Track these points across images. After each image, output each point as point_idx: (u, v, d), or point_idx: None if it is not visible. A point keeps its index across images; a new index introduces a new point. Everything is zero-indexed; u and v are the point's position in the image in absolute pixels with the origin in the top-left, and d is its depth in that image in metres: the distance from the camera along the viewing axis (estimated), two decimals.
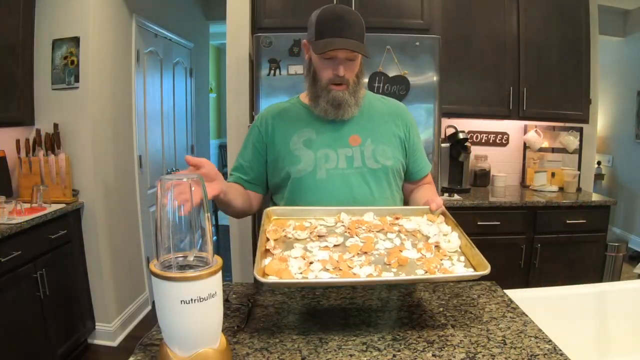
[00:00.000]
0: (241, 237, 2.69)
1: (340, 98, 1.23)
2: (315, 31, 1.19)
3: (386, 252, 0.98)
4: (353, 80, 1.25)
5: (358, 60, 1.24)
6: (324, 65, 1.22)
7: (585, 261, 2.71)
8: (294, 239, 1.03)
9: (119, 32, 2.82)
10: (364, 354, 0.87)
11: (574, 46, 2.85)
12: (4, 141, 2.39)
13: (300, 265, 0.89)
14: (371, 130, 1.31)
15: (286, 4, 2.47)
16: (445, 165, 2.84)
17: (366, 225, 1.10)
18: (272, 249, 0.97)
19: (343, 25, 1.16)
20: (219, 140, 7.51)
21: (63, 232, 2.33)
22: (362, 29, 1.20)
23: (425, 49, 2.28)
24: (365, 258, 0.95)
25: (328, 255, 0.94)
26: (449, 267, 0.92)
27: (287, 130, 1.31)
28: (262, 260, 0.92)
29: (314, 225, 1.09)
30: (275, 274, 0.86)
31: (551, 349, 0.89)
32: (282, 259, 0.92)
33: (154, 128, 3.39)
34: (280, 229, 1.06)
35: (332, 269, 0.90)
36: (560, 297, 1.36)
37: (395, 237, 1.06)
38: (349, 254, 0.96)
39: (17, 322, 2.00)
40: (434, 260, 0.94)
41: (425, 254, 0.97)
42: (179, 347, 0.76)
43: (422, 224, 1.11)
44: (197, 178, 0.79)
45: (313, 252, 0.96)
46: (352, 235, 1.06)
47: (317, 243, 1.01)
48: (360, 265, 0.91)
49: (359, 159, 1.28)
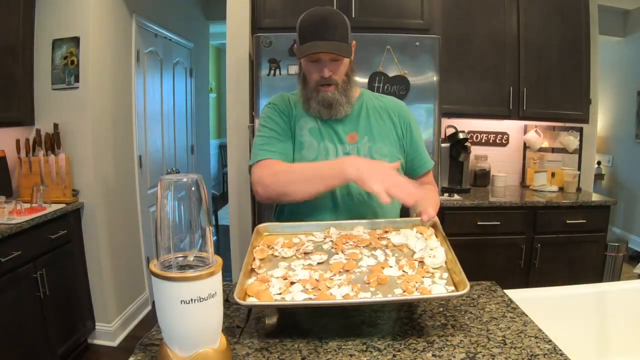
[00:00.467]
0: (241, 237, 2.69)
1: (330, 98, 1.25)
2: (299, 35, 1.21)
3: (368, 269, 0.99)
4: (342, 80, 1.26)
5: (345, 60, 1.25)
6: (310, 68, 1.24)
7: (585, 261, 2.71)
8: (280, 257, 1.04)
9: (119, 32, 2.82)
10: (364, 354, 0.87)
11: (574, 46, 2.85)
12: (4, 141, 2.39)
13: (280, 286, 0.91)
14: (368, 128, 1.32)
15: (286, 4, 2.47)
16: (445, 165, 2.84)
17: (354, 239, 1.10)
18: (257, 269, 0.99)
19: (324, 28, 1.17)
20: (219, 140, 7.52)
21: (63, 232, 2.33)
22: (344, 30, 1.20)
23: (425, 49, 2.28)
24: (345, 276, 0.96)
25: (309, 275, 0.96)
26: (428, 286, 0.92)
27: (297, 115, 1.32)
28: (246, 280, 0.94)
29: (302, 242, 1.10)
30: (255, 295, 0.88)
31: (551, 349, 0.89)
32: (263, 280, 0.94)
33: (154, 128, 3.39)
34: (267, 248, 1.07)
35: (310, 289, 0.91)
36: (560, 297, 1.36)
37: (380, 252, 1.06)
38: (330, 272, 0.97)
39: (17, 322, 2.00)
40: (415, 278, 0.94)
41: (407, 270, 0.98)
42: (179, 347, 0.76)
43: (410, 238, 1.11)
44: (197, 178, 0.79)
45: (296, 270, 0.98)
46: (337, 252, 1.07)
47: (302, 261, 1.02)
48: (339, 285, 0.92)
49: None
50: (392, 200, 1.34)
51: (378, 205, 1.30)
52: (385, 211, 1.31)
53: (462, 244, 2.59)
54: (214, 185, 6.85)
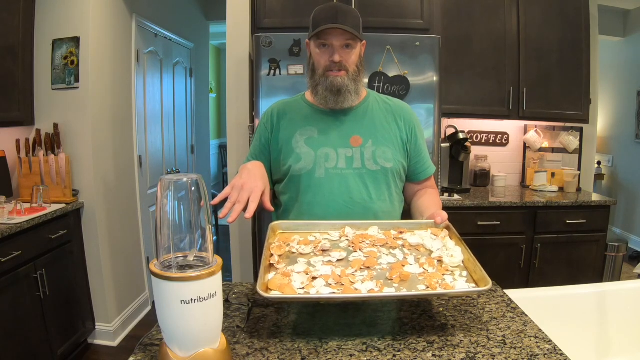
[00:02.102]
0: (241, 237, 2.69)
1: (339, 84, 1.23)
2: (312, 24, 1.23)
3: (389, 267, 0.98)
4: (353, 69, 1.25)
5: (356, 49, 1.24)
6: (320, 54, 1.24)
7: (585, 261, 2.71)
8: (298, 253, 1.03)
9: (119, 32, 2.82)
10: (364, 354, 0.87)
11: (574, 46, 2.85)
12: (4, 141, 2.39)
13: (303, 280, 0.90)
14: (373, 131, 1.31)
15: (286, 4, 2.47)
16: (445, 165, 2.84)
17: (370, 239, 1.10)
18: (276, 264, 0.97)
19: (336, 13, 1.19)
20: (219, 140, 7.51)
21: (63, 232, 2.33)
22: (357, 20, 1.23)
23: (425, 49, 2.28)
24: (367, 273, 0.96)
25: (331, 270, 0.94)
26: (450, 283, 0.92)
27: (291, 128, 1.31)
28: (266, 275, 0.92)
29: (318, 240, 1.09)
30: (277, 289, 0.87)
31: (551, 349, 0.89)
32: (285, 274, 0.92)
33: (154, 128, 3.39)
34: (284, 244, 1.06)
35: (334, 284, 0.90)
36: (560, 297, 1.36)
37: (398, 251, 1.06)
38: (351, 268, 0.96)
39: (17, 322, 2.00)
40: (436, 275, 0.94)
41: (428, 268, 0.98)
42: (179, 347, 0.76)
43: (426, 238, 1.11)
44: (197, 178, 0.79)
45: (316, 266, 0.97)
46: (355, 250, 1.06)
47: (321, 258, 1.01)
48: (362, 281, 0.91)
49: (359, 160, 1.28)
50: (393, 204, 1.34)
51: (380, 209, 1.30)
52: (387, 217, 1.31)
53: None
54: (214, 185, 6.85)
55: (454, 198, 2.63)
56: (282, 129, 1.32)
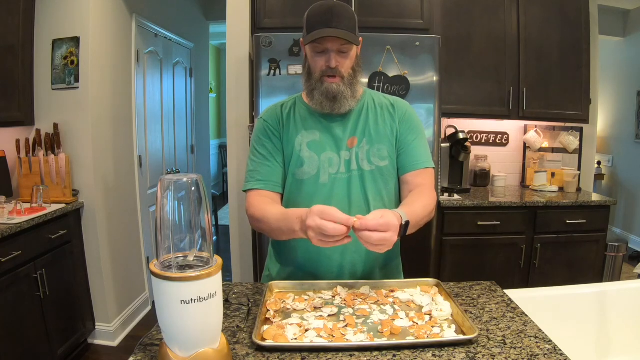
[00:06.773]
0: (241, 237, 2.69)
1: (334, 90, 1.22)
2: (306, 25, 1.21)
3: (380, 322, 1.01)
4: (349, 74, 1.23)
5: (351, 53, 1.23)
6: (316, 58, 1.22)
7: (585, 261, 2.71)
8: (293, 309, 1.07)
9: (119, 32, 2.82)
10: (364, 353, 0.87)
11: (574, 46, 2.85)
12: (4, 141, 2.39)
13: (295, 332, 0.93)
14: (367, 129, 1.29)
15: (286, 4, 2.47)
16: (445, 165, 2.84)
17: (362, 297, 1.13)
18: (271, 318, 1.01)
19: (331, 17, 1.17)
20: (219, 140, 7.52)
21: (63, 232, 2.33)
22: (352, 21, 1.20)
23: (425, 49, 2.28)
24: (359, 327, 0.98)
25: (323, 324, 0.97)
26: (438, 333, 0.94)
27: (292, 130, 1.30)
28: (262, 327, 0.96)
29: (312, 298, 1.13)
30: (272, 339, 0.90)
31: (551, 349, 0.89)
32: (279, 326, 0.96)
33: (154, 128, 3.39)
34: (280, 301, 1.10)
35: (325, 336, 0.93)
36: (560, 297, 1.36)
37: (389, 307, 1.08)
38: (343, 323, 0.99)
39: (17, 322, 2.00)
40: (425, 328, 0.96)
41: (417, 321, 0.99)
42: (179, 347, 0.76)
43: (416, 295, 1.13)
44: (197, 178, 0.79)
45: (309, 320, 1.00)
46: (348, 306, 1.08)
47: (314, 313, 1.04)
48: (354, 333, 0.94)
49: (355, 162, 1.27)
50: (391, 205, 1.31)
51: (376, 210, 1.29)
52: None
53: (462, 244, 2.59)
54: (214, 185, 6.85)
55: (454, 198, 2.63)
56: (285, 131, 1.31)
